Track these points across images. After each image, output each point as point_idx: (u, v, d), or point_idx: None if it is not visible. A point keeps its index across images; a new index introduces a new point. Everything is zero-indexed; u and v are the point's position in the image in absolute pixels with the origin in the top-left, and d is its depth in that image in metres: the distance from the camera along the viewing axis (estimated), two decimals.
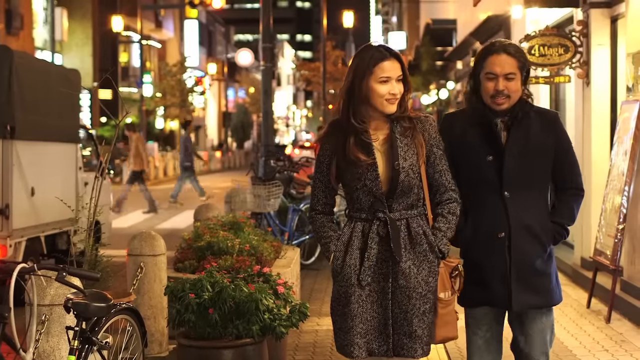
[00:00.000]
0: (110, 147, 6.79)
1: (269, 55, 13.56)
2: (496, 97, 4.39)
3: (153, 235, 7.13)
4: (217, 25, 69.39)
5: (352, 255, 4.21)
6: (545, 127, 4.49)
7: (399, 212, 4.19)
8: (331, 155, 4.25)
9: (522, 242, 4.40)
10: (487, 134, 4.44)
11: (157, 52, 51.27)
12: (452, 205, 4.30)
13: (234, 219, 8.37)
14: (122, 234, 13.72)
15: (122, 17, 39.66)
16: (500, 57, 4.39)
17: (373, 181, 4.16)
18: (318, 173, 4.33)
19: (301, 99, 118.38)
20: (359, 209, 4.24)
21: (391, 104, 4.17)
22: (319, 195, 4.36)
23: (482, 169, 4.42)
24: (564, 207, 4.55)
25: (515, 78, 4.39)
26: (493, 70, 4.38)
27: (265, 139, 13.50)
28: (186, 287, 5.52)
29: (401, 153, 4.18)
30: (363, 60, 4.18)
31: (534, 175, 4.46)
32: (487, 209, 4.43)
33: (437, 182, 4.29)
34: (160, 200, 22.54)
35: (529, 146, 4.43)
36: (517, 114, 4.43)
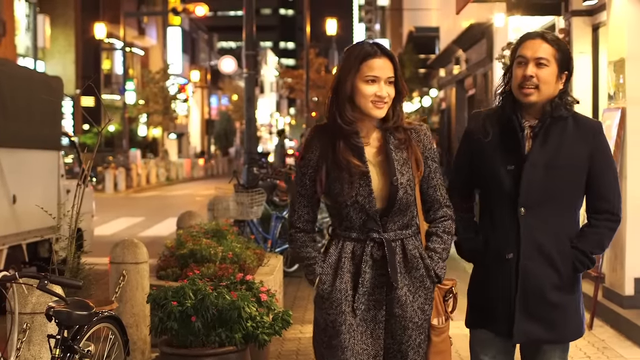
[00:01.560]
0: (92, 155, 6.76)
1: (252, 63, 13.56)
2: (523, 84, 3.87)
3: (135, 242, 7.10)
4: (200, 32, 69.35)
5: (342, 279, 3.71)
6: (582, 137, 3.91)
7: (393, 232, 3.71)
8: (318, 163, 3.72)
9: (533, 266, 3.88)
10: (512, 139, 3.92)
11: (140, 60, 51.18)
12: (447, 223, 3.82)
13: (216, 227, 8.35)
14: (104, 242, 13.67)
15: (105, 24, 39.60)
16: (535, 42, 3.91)
17: (366, 197, 3.66)
18: (300, 186, 3.79)
19: (284, 107, 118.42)
20: (349, 227, 3.73)
21: (378, 108, 3.66)
22: (301, 211, 3.82)
23: (500, 179, 3.92)
24: (591, 232, 3.95)
25: (549, 67, 3.86)
26: (524, 54, 3.90)
27: (248, 146, 13.49)
28: (169, 295, 5.50)
29: (398, 167, 3.70)
30: (351, 56, 3.71)
31: (559, 192, 3.89)
32: (499, 225, 3.95)
33: (432, 197, 3.81)
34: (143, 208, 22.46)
35: (557, 157, 3.87)
36: (547, 117, 3.90)
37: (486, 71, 19.27)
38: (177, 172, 44.22)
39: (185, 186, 37.54)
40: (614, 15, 9.02)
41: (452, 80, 25.47)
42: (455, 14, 16.39)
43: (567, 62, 3.93)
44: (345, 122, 3.68)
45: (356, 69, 3.67)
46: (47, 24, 36.76)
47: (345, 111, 3.68)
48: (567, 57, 3.94)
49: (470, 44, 20.96)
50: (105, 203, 24.38)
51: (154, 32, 53.21)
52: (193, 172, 48.19)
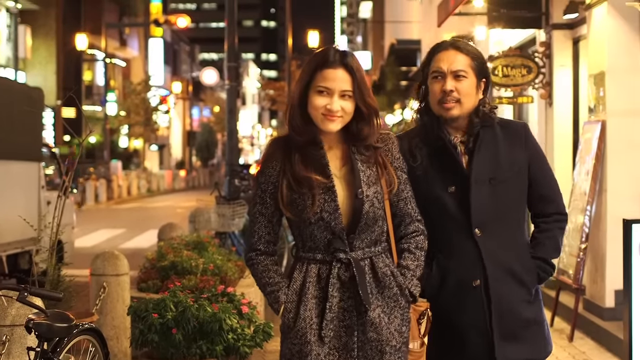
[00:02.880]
0: (73, 166, 6.74)
1: (234, 74, 13.55)
2: (444, 99, 3.60)
3: (116, 254, 7.07)
4: (182, 44, 69.32)
5: (306, 305, 3.34)
6: (513, 141, 3.70)
7: (361, 250, 3.36)
8: (278, 178, 3.38)
9: (503, 288, 3.60)
10: (446, 159, 3.64)
11: (122, 71, 51.11)
12: (419, 238, 3.51)
13: (198, 239, 8.34)
14: (85, 254, 13.61)
15: (87, 35, 39.52)
16: (449, 53, 3.66)
17: (332, 214, 3.31)
18: (259, 204, 3.42)
19: (266, 118, 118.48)
20: (313, 248, 3.37)
21: (329, 121, 3.32)
22: (261, 232, 3.45)
23: (442, 203, 3.61)
24: (545, 237, 3.75)
25: (467, 78, 3.62)
26: (439, 68, 3.64)
27: (229, 158, 13.47)
28: (149, 307, 5.49)
29: (364, 178, 3.37)
30: (310, 62, 3.41)
31: (509, 204, 3.66)
32: (455, 252, 3.61)
33: (402, 211, 3.49)
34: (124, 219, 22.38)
35: (499, 168, 3.64)
36: (476, 129, 3.65)
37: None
38: (158, 183, 44.13)
39: (167, 198, 37.46)
40: (594, 28, 9.07)
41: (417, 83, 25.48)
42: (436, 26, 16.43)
43: (484, 70, 3.69)
44: (297, 132, 3.37)
45: (310, 77, 3.37)
46: (28, 34, 36.64)
47: (296, 120, 3.38)
48: (483, 64, 3.70)
49: None
50: (86, 214, 24.29)
51: (135, 44, 53.14)
52: (174, 183, 48.10)
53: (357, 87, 3.34)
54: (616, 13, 8.66)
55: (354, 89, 3.34)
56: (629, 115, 8.67)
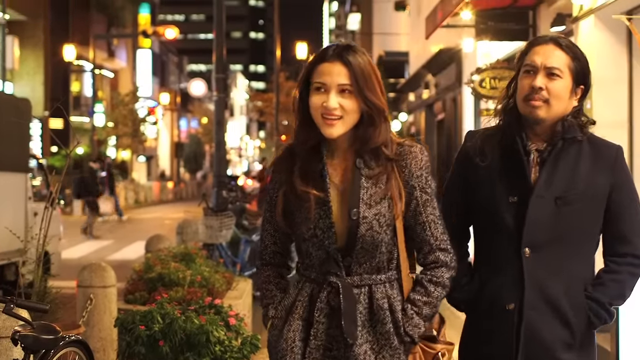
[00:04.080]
0: (60, 177, 6.72)
1: (222, 86, 13.54)
2: (531, 96, 3.20)
3: (103, 266, 7.05)
4: (170, 55, 69.31)
5: (291, 326, 3.06)
6: (600, 164, 3.25)
7: (359, 275, 3.00)
8: (280, 187, 3.11)
9: (539, 319, 3.19)
10: (515, 165, 3.25)
11: (110, 82, 51.04)
12: (437, 271, 3.04)
13: (185, 250, 8.32)
14: (72, 265, 13.56)
15: (75, 46, 39.45)
16: (547, 47, 3.24)
17: (325, 231, 2.98)
18: (267, 211, 3.17)
19: (254, 130, 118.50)
20: (309, 265, 3.08)
21: (327, 124, 2.95)
22: (267, 241, 3.20)
23: (500, 212, 3.24)
24: (610, 279, 3.25)
25: (562, 78, 3.20)
26: (532, 61, 3.23)
27: (217, 169, 13.45)
28: (136, 319, 5.47)
29: (364, 197, 2.97)
30: (308, 63, 3.09)
31: (572, 230, 3.22)
32: (498, 267, 3.26)
33: (420, 237, 3.04)
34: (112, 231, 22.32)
35: (571, 188, 3.20)
36: (558, 139, 3.22)
37: (455, 96, 19.39)
38: (145, 195, 44.04)
39: (154, 209, 37.37)
40: (581, 41, 9.11)
41: (421, 104, 25.60)
42: (424, 38, 16.49)
43: (583, 75, 3.27)
44: (298, 141, 3.06)
45: (307, 75, 3.03)
46: (16, 45, 36.56)
47: (304, 129, 3.05)
48: (585, 69, 3.27)
49: (440, 69, 21.09)
50: (73, 226, 24.21)
51: (123, 55, 53.11)
52: (162, 195, 48.01)
53: (356, 81, 2.94)
54: (603, 26, 8.71)
55: (353, 83, 2.94)
56: (616, 127, 8.71)
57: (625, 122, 8.75)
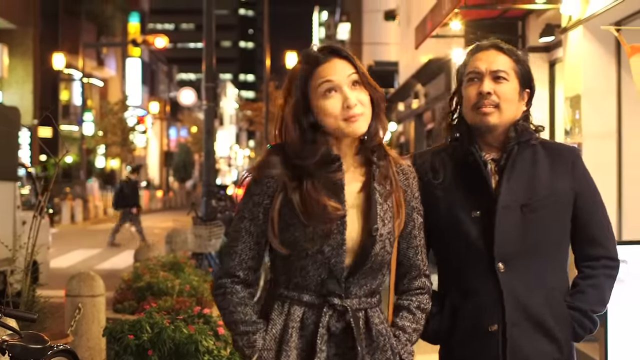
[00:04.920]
0: (49, 186, 6.70)
1: (212, 95, 13.56)
2: (480, 102, 3.05)
3: (92, 275, 7.04)
4: (159, 64, 69.29)
5: (288, 356, 2.73)
6: (557, 167, 3.12)
7: (357, 298, 2.75)
8: (275, 194, 2.76)
9: (525, 339, 3.02)
10: (473, 178, 3.08)
11: (99, 91, 50.99)
12: (423, 297, 2.91)
13: (174, 260, 8.32)
14: (60, 274, 13.50)
15: (64, 55, 39.42)
16: (489, 52, 3.13)
17: (335, 249, 2.70)
18: (248, 219, 2.78)
19: (244, 139, 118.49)
20: (300, 286, 2.75)
21: (353, 122, 2.72)
22: (244, 254, 2.80)
23: (464, 229, 3.05)
24: (588, 285, 3.12)
25: (508, 81, 3.08)
26: (476, 67, 3.10)
27: (206, 178, 13.45)
28: (125, 328, 5.45)
29: (380, 212, 2.77)
30: (294, 77, 2.80)
31: (543, 238, 3.06)
32: (472, 289, 3.04)
33: (410, 261, 2.89)
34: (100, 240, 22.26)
35: (534, 194, 3.06)
36: (513, 145, 3.09)
37: (444, 105, 19.41)
38: None
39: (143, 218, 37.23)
40: (570, 52, 9.14)
41: (411, 114, 25.65)
42: (414, 48, 16.52)
43: (528, 78, 3.16)
44: (303, 155, 2.74)
45: (305, 85, 2.77)
46: (4, 53, 36.50)
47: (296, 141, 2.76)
48: (528, 72, 3.17)
49: (429, 79, 21.14)
50: (62, 235, 24.14)
51: (113, 63, 53.07)
52: (151, 204, 47.91)
53: (360, 71, 2.77)
54: (592, 36, 8.74)
55: (359, 72, 2.76)
56: (605, 138, 8.73)
57: (614, 132, 8.77)
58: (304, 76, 2.76)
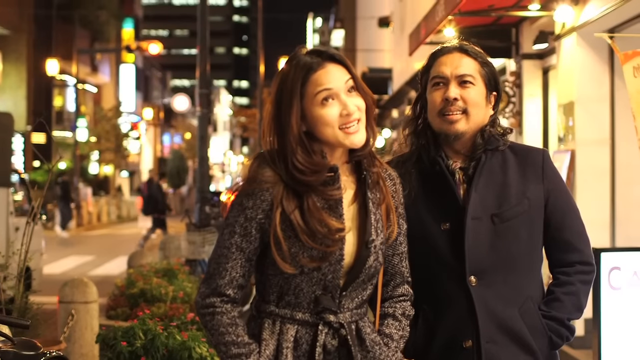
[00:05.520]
0: (42, 192, 6.69)
1: (206, 101, 13.55)
2: (446, 109, 2.93)
3: (85, 282, 7.02)
4: (153, 70, 69.26)
5: None
6: (527, 170, 3.00)
7: (349, 312, 2.65)
8: (271, 207, 2.60)
9: (500, 353, 2.90)
10: (440, 188, 2.96)
11: (93, 97, 50.94)
12: (406, 304, 2.82)
13: (168, 266, 8.31)
14: (53, 280, 13.48)
15: (58, 61, 39.37)
16: (453, 56, 3.02)
17: (333, 265, 2.59)
18: (239, 235, 2.62)
19: (238, 145, 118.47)
20: (293, 304, 2.62)
21: (353, 133, 2.62)
22: (234, 272, 2.63)
23: (435, 242, 2.93)
24: (563, 292, 2.99)
25: (475, 85, 2.96)
26: (441, 72, 2.99)
27: (200, 185, 13.44)
28: (118, 335, 5.44)
29: (374, 223, 2.68)
30: (286, 81, 2.65)
31: (515, 248, 2.94)
32: (444, 304, 2.92)
33: (395, 268, 2.79)
34: (93, 246, 22.22)
35: (504, 202, 2.93)
36: (479, 152, 2.97)
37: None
38: (128, 210, 43.88)
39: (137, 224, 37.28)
40: (564, 59, 9.16)
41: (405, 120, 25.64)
42: (408, 55, 16.53)
43: (495, 81, 3.03)
44: (306, 173, 2.59)
45: (299, 94, 2.61)
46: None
47: (298, 159, 2.60)
48: (494, 74, 3.05)
49: None
50: (55, 241, 24.10)
51: (107, 69, 53.03)
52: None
53: (354, 74, 2.66)
54: (585, 44, 8.76)
55: (354, 77, 2.65)
56: (598, 145, 8.74)
57: (608, 139, 8.78)
58: (298, 83, 2.62)
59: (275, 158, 2.62)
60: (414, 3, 21.90)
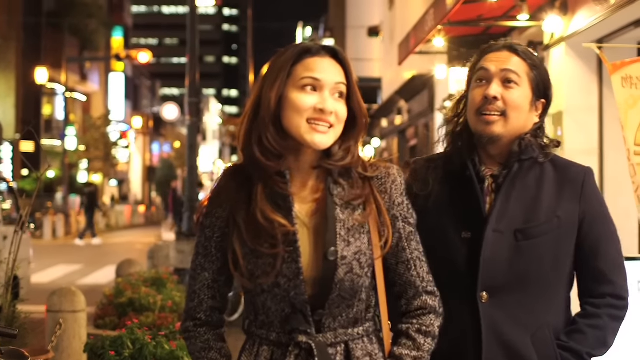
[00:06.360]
0: (31, 200, 6.67)
1: (195, 110, 13.55)
2: (484, 108, 2.71)
3: (73, 291, 7.00)
4: (143, 78, 69.25)
5: None
6: (564, 187, 2.74)
7: (333, 331, 2.40)
8: (228, 223, 2.44)
9: None
10: (466, 195, 2.73)
11: (82, 105, 50.90)
12: (426, 319, 2.46)
13: (156, 275, 8.30)
14: (41, 289, 13.43)
15: (47, 69, 39.36)
16: (501, 54, 2.77)
17: (291, 280, 2.35)
18: (202, 255, 2.50)
19: (227, 154, 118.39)
20: (266, 323, 2.44)
21: (318, 132, 2.34)
22: (202, 294, 2.51)
23: (452, 251, 2.70)
24: (588, 325, 2.69)
25: (520, 87, 2.73)
26: (485, 66, 2.76)
27: (189, 194, 13.42)
28: (106, 344, 5.42)
29: (341, 231, 2.38)
30: (280, 58, 2.44)
31: (536, 269, 2.68)
32: (452, 318, 2.60)
33: (403, 278, 2.48)
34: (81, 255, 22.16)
35: (533, 219, 2.69)
36: (514, 161, 2.73)
37: (428, 122, 19.48)
38: (117, 219, 43.82)
39: (125, 233, 37.19)
40: (552, 69, 9.19)
41: (394, 130, 25.70)
42: (397, 65, 16.57)
43: (544, 86, 2.81)
44: (267, 156, 2.37)
45: (286, 71, 2.39)
46: None
47: (267, 137, 2.37)
48: (545, 80, 2.81)
49: (412, 95, 21.19)
50: (44, 250, 24.02)
51: (96, 78, 53.01)
52: (133, 219, 47.77)
53: (351, 84, 2.44)
54: (574, 54, 8.79)
55: (348, 87, 2.43)
56: (587, 154, 8.77)
57: (596, 149, 8.81)
58: (290, 61, 2.41)
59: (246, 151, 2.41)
60: (404, 13, 21.98)
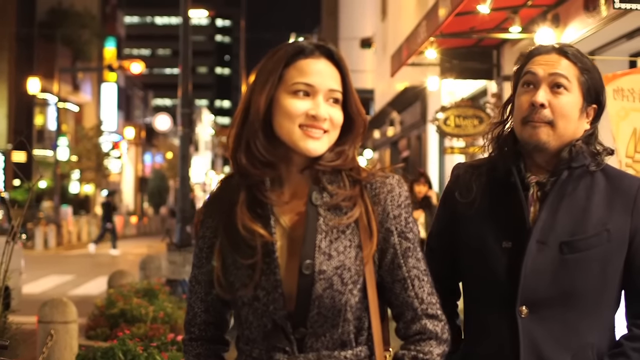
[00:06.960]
0: (23, 211, 6.66)
1: (187, 121, 13.55)
2: (531, 116, 2.52)
3: (64, 301, 6.98)
4: (135, 89, 69.21)
5: None
6: (616, 200, 2.53)
7: (315, 352, 2.20)
8: (215, 232, 2.32)
9: None
10: (509, 203, 2.55)
11: (74, 115, 50.84)
12: (424, 346, 2.23)
13: (148, 286, 8.28)
14: (32, 300, 13.39)
15: (39, 79, 39.33)
16: (549, 57, 2.57)
17: (269, 292, 2.20)
18: (196, 267, 2.38)
19: (219, 165, 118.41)
20: (251, 339, 2.28)
21: (311, 137, 2.19)
22: (197, 308, 2.38)
23: (492, 261, 2.53)
24: (632, 348, 2.50)
25: (569, 92, 2.53)
26: (533, 70, 2.57)
27: (181, 204, 13.41)
28: (98, 355, 5.42)
29: (322, 244, 2.20)
30: (272, 57, 2.27)
31: (581, 285, 2.49)
32: (486, 332, 2.53)
33: (399, 299, 2.26)
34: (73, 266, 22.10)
35: (580, 231, 2.50)
36: (563, 169, 2.54)
37: (420, 133, 19.53)
38: None
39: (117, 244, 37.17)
40: None
41: (386, 141, 25.75)
42: (390, 76, 16.61)
43: (596, 91, 2.58)
44: (254, 164, 2.23)
45: (277, 74, 2.23)
46: None
47: (255, 144, 2.22)
48: (597, 84, 2.59)
49: (405, 106, 21.25)
50: (35, 260, 23.97)
51: (88, 88, 52.97)
52: (125, 230, 47.71)
53: (348, 87, 2.26)
54: None
55: (344, 90, 2.26)
56: None
57: None
58: (282, 62, 2.24)
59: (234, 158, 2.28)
60: (396, 24, 22.04)
